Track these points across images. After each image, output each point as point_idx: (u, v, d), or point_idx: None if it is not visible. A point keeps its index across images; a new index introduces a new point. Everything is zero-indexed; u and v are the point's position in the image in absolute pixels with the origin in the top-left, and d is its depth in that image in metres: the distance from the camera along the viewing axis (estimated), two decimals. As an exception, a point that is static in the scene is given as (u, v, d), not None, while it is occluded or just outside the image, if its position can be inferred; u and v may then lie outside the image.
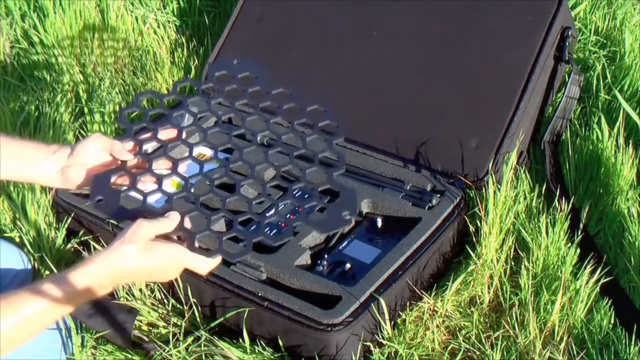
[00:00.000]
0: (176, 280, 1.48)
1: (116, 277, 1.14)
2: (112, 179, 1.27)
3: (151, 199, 1.27)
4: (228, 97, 1.37)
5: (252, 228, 1.54)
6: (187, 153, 1.31)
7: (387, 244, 1.54)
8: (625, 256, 1.55)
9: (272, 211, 1.26)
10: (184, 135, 1.34)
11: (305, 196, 1.59)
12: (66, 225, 1.65)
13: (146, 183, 1.29)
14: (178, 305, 1.53)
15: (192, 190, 1.26)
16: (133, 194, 1.26)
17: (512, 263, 1.55)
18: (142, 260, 1.13)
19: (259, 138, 1.34)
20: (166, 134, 1.34)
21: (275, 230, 1.54)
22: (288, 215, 1.55)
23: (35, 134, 1.92)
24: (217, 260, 1.19)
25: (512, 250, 1.56)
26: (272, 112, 1.35)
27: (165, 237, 1.17)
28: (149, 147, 1.35)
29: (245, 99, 1.38)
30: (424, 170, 1.68)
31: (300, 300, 1.40)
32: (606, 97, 1.89)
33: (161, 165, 1.32)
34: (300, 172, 1.28)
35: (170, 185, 1.30)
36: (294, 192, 1.59)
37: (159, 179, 1.27)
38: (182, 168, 1.30)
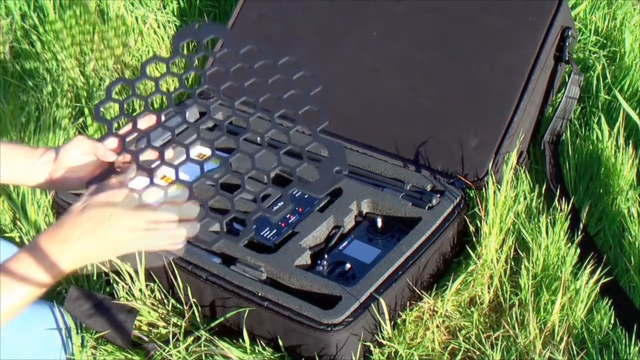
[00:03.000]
0: (176, 279, 1.48)
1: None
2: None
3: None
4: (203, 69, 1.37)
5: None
6: (169, 137, 1.28)
7: (387, 244, 1.54)
8: (625, 256, 1.55)
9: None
10: (163, 119, 1.32)
11: (306, 196, 1.59)
12: (66, 225, 1.65)
13: (137, 179, 1.27)
14: (178, 305, 1.53)
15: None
16: None
17: (512, 263, 1.55)
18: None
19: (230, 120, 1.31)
20: (145, 122, 1.32)
21: (275, 230, 1.54)
22: (288, 216, 1.55)
23: (35, 134, 1.92)
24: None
25: (512, 250, 1.56)
26: (245, 73, 1.32)
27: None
28: (132, 139, 1.32)
29: (216, 67, 1.35)
30: (424, 170, 1.68)
31: (300, 300, 1.40)
32: (606, 97, 1.89)
33: (148, 157, 1.30)
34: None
35: (163, 181, 1.28)
36: (295, 193, 1.58)
37: (149, 172, 1.25)
38: (169, 154, 1.28)
